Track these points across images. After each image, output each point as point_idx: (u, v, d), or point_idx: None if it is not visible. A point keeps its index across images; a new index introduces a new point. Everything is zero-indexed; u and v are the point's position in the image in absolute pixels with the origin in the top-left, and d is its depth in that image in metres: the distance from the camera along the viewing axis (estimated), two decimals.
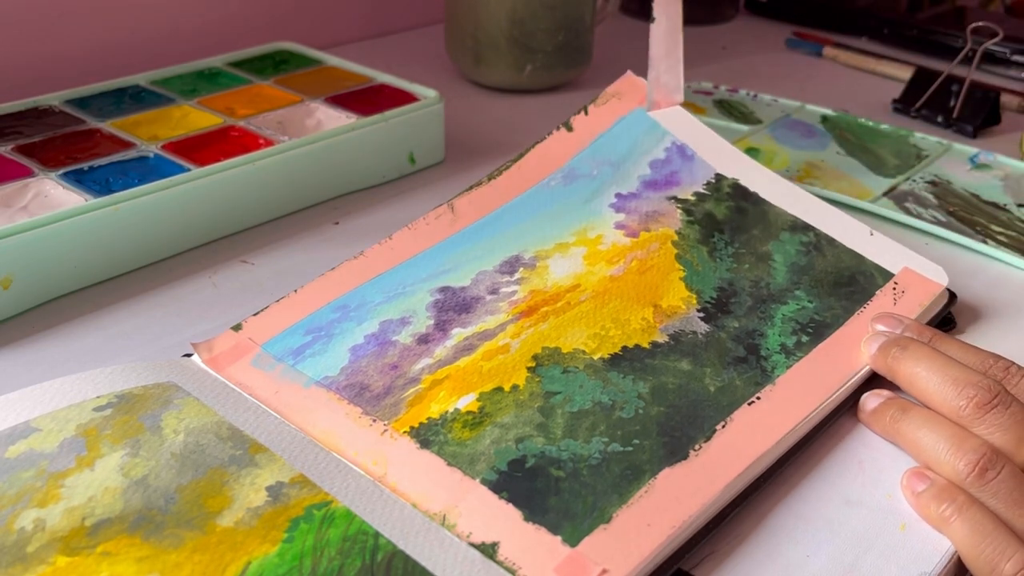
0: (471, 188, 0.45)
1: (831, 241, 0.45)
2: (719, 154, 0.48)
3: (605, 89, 0.50)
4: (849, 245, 0.44)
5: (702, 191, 0.47)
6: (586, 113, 0.49)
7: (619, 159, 0.48)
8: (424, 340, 0.38)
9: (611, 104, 0.50)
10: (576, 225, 0.44)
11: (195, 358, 0.37)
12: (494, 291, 0.40)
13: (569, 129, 0.49)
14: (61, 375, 0.34)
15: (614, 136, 0.48)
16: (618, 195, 0.46)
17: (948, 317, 0.42)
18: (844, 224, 0.45)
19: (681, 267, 0.42)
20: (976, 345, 0.37)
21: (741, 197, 0.46)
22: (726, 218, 0.45)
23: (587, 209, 0.45)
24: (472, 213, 0.44)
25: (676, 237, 0.44)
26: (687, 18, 0.86)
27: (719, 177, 0.47)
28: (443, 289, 0.40)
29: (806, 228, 0.45)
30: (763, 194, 0.47)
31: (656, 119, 0.49)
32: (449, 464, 0.32)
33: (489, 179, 0.46)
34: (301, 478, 0.31)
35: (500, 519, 0.30)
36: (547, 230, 0.44)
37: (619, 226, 0.44)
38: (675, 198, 0.46)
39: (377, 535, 0.29)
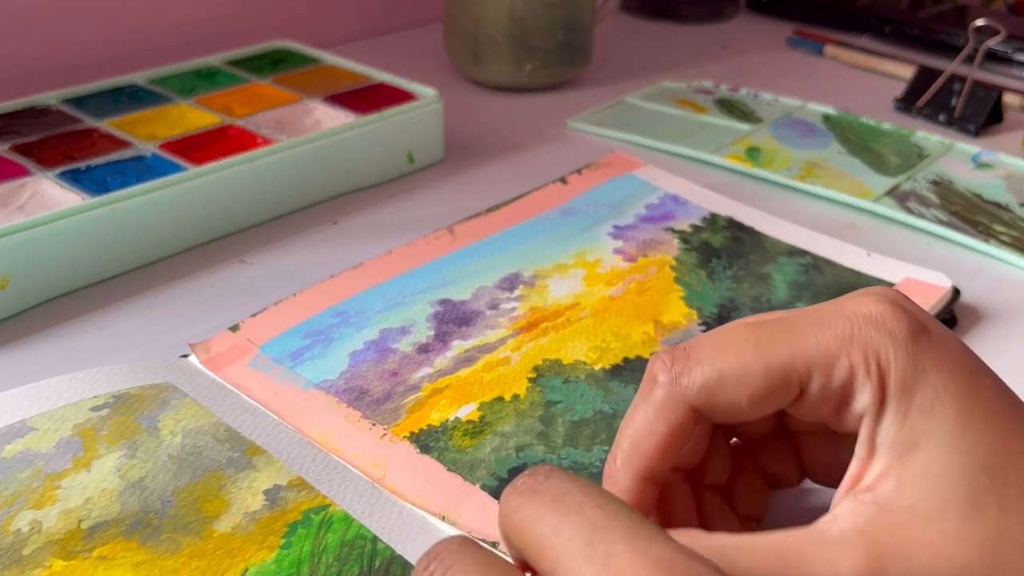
0: (469, 217, 0.47)
1: (829, 263, 0.45)
2: (713, 200, 0.50)
3: (596, 160, 0.53)
4: (847, 265, 0.45)
5: (698, 224, 0.48)
6: (579, 173, 0.52)
7: (615, 202, 0.49)
8: (424, 350, 0.37)
9: (604, 169, 0.53)
10: (574, 249, 0.45)
11: (192, 359, 0.37)
12: (494, 306, 0.40)
13: (564, 182, 0.51)
14: (58, 375, 0.34)
15: (608, 188, 0.51)
16: (615, 226, 0.47)
17: (950, 315, 0.42)
18: (841, 248, 0.46)
19: (680, 288, 0.42)
20: (974, 346, 0.35)
21: (737, 229, 0.47)
22: (723, 246, 0.46)
23: (585, 236, 0.46)
24: (471, 235, 0.45)
25: (674, 262, 0.44)
26: (688, 17, 0.86)
27: (714, 215, 0.49)
28: (443, 301, 0.40)
29: (803, 253, 0.46)
30: (758, 227, 0.48)
31: (648, 179, 0.52)
32: (449, 470, 0.32)
33: (488, 211, 0.47)
34: (299, 481, 0.31)
35: None
36: (546, 251, 0.45)
37: (617, 251, 0.45)
38: (672, 229, 0.47)
39: (375, 540, 0.29)
